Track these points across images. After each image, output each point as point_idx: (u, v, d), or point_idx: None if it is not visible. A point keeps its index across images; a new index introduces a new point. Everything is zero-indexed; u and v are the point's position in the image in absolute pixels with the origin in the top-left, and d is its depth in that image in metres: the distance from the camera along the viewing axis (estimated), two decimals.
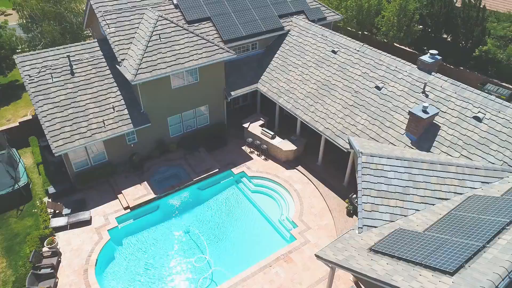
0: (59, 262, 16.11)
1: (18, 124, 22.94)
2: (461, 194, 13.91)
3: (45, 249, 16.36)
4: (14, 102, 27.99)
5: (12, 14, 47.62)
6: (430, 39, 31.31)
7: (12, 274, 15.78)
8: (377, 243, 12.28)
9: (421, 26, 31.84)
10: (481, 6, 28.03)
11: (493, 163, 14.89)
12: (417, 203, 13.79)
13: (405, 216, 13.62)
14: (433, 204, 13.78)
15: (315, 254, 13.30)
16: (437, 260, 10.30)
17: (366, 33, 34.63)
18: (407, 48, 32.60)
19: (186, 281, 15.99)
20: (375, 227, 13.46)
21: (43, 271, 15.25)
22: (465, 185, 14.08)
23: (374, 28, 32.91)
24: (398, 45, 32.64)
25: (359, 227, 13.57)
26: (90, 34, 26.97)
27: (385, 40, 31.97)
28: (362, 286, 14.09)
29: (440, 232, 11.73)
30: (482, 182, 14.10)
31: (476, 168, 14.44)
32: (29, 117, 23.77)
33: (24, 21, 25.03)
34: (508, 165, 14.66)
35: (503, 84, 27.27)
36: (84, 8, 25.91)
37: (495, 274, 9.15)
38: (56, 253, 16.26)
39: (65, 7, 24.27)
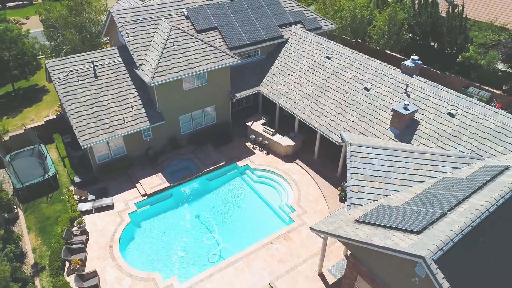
0: (87, 239, 18.44)
1: (43, 122, 25.40)
2: (434, 177, 16.30)
3: (74, 228, 18.70)
4: (35, 104, 30.49)
5: (26, 23, 50.37)
6: (418, 46, 33.97)
7: (47, 250, 18.11)
8: (361, 216, 14.65)
9: (410, 35, 34.48)
10: (464, 16, 30.71)
11: (462, 152, 17.32)
12: (397, 185, 16.15)
13: (386, 196, 15.99)
14: (411, 186, 16.15)
15: (310, 227, 15.67)
16: (408, 224, 12.68)
17: (360, 41, 37.29)
18: (397, 55, 35.23)
19: (198, 256, 18.29)
20: (361, 205, 15.82)
21: (74, 246, 17.59)
22: (438, 170, 16.46)
23: (367, 36, 35.52)
24: (389, 52, 35.26)
25: (347, 205, 15.92)
26: (107, 41, 29.52)
27: (377, 47, 34.55)
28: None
29: (413, 205, 14.11)
30: (452, 167, 16.49)
31: (447, 156, 16.84)
32: (53, 116, 26.23)
33: (48, 30, 27.60)
34: (476, 153, 17.09)
35: (484, 87, 29.79)
36: (102, 18, 28.64)
37: (451, 231, 11.52)
38: (85, 232, 18.62)
39: (86, 17, 26.87)
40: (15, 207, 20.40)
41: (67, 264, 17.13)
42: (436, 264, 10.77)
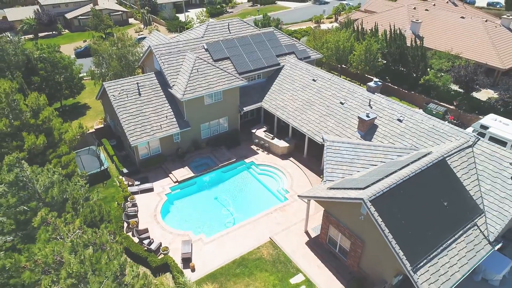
0: (137, 210, 25.34)
1: (94, 130, 32.68)
2: (384, 162, 23.40)
3: (127, 203, 25.62)
4: (81, 117, 37.83)
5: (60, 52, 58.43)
6: (390, 71, 41.74)
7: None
8: (332, 185, 21.69)
9: (384, 61, 42.29)
10: (423, 47, 38.56)
11: (405, 145, 24.51)
12: (358, 167, 23.22)
13: (351, 175, 23.04)
14: (368, 168, 23.24)
15: (298, 195, 22.70)
16: (358, 185, 19.73)
17: (343, 66, 45.12)
18: (374, 78, 42.83)
19: (216, 223, 25.14)
20: (333, 180, 22.85)
21: (130, 213, 24.49)
22: (387, 157, 23.56)
23: (348, 63, 43.33)
24: (367, 75, 42.96)
25: (323, 181, 22.98)
26: (139, 66, 37.09)
27: (357, 72, 42.28)
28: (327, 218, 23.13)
29: (365, 176, 21.17)
30: (397, 155, 23.61)
31: (394, 148, 24.03)
32: (101, 125, 33.52)
33: (97, 59, 35.34)
34: (414, 146, 24.25)
35: (441, 103, 37.23)
36: (138, 49, 36.34)
37: (382, 186, 18.55)
38: (135, 205, 25.54)
39: (128, 50, 34.58)
40: None
41: (125, 225, 23.97)
42: (370, 203, 17.77)
